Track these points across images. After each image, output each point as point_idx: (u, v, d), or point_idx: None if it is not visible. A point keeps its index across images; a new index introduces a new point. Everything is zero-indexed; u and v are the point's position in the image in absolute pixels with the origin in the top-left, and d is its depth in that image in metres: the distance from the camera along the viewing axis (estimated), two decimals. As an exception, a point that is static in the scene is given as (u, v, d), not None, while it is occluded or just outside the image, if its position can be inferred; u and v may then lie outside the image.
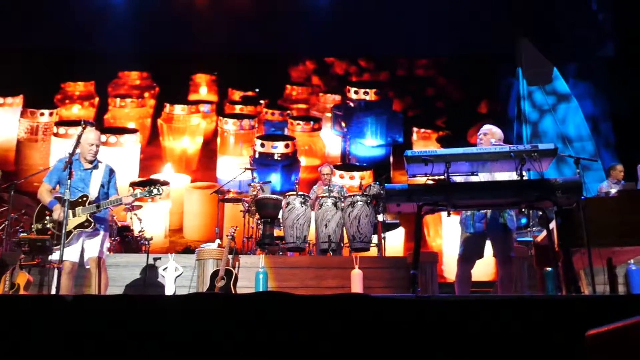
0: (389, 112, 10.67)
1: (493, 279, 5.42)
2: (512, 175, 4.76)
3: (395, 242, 9.08)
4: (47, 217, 5.25)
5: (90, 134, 5.32)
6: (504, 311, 2.97)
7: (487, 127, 5.30)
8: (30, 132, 10.30)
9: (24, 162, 10.17)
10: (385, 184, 4.87)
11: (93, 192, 5.26)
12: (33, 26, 9.62)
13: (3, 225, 7.13)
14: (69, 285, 5.14)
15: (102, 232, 5.30)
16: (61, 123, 10.31)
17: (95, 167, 5.36)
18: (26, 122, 10.31)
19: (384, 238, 7.22)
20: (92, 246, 5.24)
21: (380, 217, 7.08)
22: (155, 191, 5.31)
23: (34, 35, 9.77)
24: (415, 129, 10.68)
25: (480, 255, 5.15)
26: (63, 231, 4.76)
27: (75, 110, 10.54)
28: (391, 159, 10.46)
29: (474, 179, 4.80)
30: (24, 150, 10.24)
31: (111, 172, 5.46)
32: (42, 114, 10.34)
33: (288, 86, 10.88)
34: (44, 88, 10.37)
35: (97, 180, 5.31)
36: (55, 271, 5.80)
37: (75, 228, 5.15)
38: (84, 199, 5.22)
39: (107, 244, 5.38)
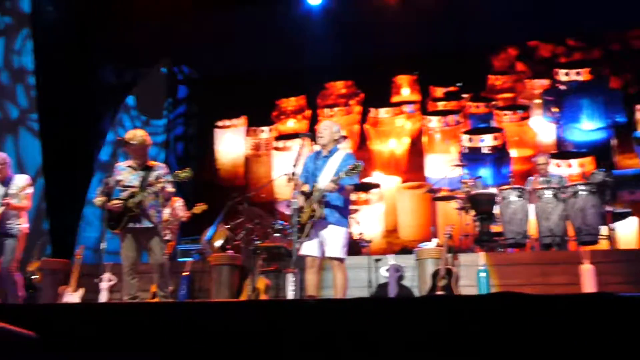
0: (605, 92, 9.81)
1: None
2: None
3: (627, 233, 8.30)
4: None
5: (335, 126, 5.29)
6: None
7: None
8: (254, 148, 11.35)
9: (251, 176, 11.24)
10: (613, 170, 4.50)
11: (323, 180, 5.07)
12: (250, 51, 10.57)
13: (241, 235, 7.93)
14: (314, 280, 5.08)
15: (334, 227, 5.04)
16: (279, 137, 11.18)
17: (332, 154, 5.19)
18: (250, 140, 11.38)
19: (614, 229, 6.66)
20: (329, 243, 5.08)
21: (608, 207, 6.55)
22: (359, 166, 4.83)
23: (250, 59, 10.73)
24: (638, 107, 9.66)
25: None
26: (294, 229, 4.90)
27: (291, 124, 11.34)
28: (613, 141, 9.58)
29: None
30: (250, 166, 11.31)
31: (349, 158, 5.16)
32: (262, 131, 11.33)
33: (491, 76, 10.55)
34: (263, 107, 11.31)
35: (330, 168, 5.13)
36: (289, 276, 6.30)
37: (308, 219, 5.03)
38: (314, 189, 5.11)
39: (343, 241, 5.08)
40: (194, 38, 10.38)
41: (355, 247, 7.88)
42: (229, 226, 8.25)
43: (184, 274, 7.33)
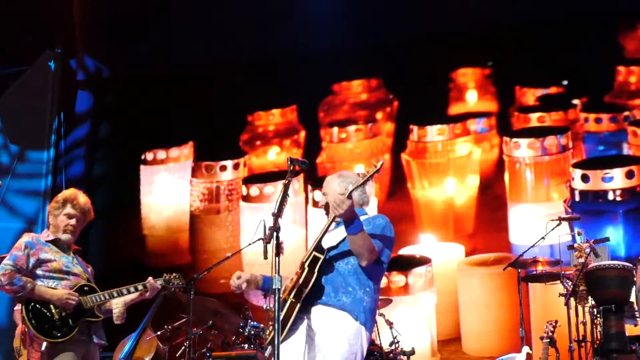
0: None
1: None
2: None
3: None
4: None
5: (334, 181, 5.57)
6: None
7: None
8: (207, 198, 11.39)
9: (203, 248, 11.26)
10: None
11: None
12: (199, 33, 10.82)
13: (183, 347, 7.87)
14: None
15: (334, 314, 5.25)
16: (252, 179, 11.24)
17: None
18: (200, 185, 11.43)
19: None
20: (322, 348, 5.23)
21: None
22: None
23: (199, 45, 11.00)
24: None
25: None
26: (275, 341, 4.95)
27: (272, 155, 11.43)
28: None
29: None
30: (201, 229, 11.33)
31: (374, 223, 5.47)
32: (222, 168, 11.39)
33: (621, 68, 10.64)
34: (223, 126, 11.44)
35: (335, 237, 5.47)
36: None
37: (290, 295, 5.26)
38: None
39: (346, 348, 5.19)
40: (102, 14, 10.66)
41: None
42: (160, 333, 8.22)
43: None
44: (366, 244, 5.24)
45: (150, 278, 6.46)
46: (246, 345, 8.02)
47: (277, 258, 5.04)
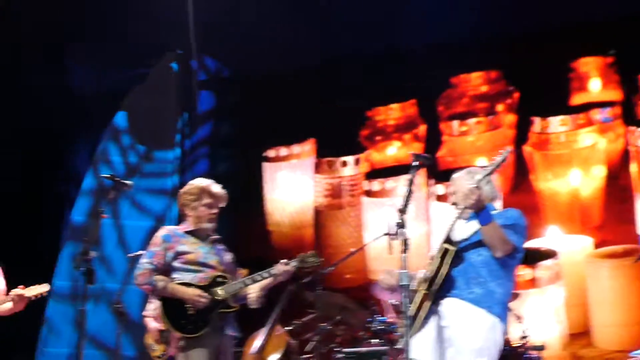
0: None
1: None
2: None
3: None
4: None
5: (463, 177, 5.76)
6: None
7: None
8: (331, 194, 11.49)
9: (328, 243, 11.38)
10: None
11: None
12: (315, 30, 10.91)
13: (313, 342, 7.94)
14: None
15: (469, 310, 5.46)
16: (373, 174, 11.26)
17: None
18: (323, 180, 11.54)
19: None
20: (457, 342, 5.38)
21: None
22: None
23: (316, 42, 11.06)
24: None
25: None
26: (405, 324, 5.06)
27: (393, 151, 11.44)
28: None
29: None
30: (325, 224, 11.45)
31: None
32: (344, 164, 11.45)
33: None
34: (343, 123, 11.44)
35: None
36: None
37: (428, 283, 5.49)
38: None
39: (482, 344, 5.39)
40: (223, 14, 10.81)
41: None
42: (291, 328, 8.30)
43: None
44: (498, 234, 5.38)
45: (282, 261, 6.60)
46: (374, 340, 8.04)
47: (404, 254, 5.21)
